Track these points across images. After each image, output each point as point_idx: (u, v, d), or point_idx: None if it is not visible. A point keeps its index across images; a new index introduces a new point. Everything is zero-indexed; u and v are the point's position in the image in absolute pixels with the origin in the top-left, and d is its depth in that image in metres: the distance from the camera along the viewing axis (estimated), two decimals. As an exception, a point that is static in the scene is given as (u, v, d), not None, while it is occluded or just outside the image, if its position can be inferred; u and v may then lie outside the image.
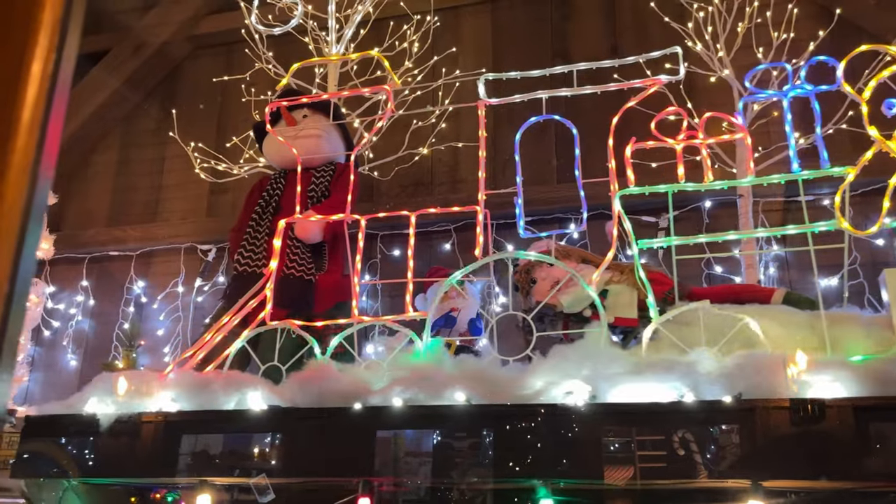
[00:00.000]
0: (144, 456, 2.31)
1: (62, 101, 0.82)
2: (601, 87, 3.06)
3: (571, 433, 1.96)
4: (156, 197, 5.54)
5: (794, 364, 2.07)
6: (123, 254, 5.31)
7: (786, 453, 1.88)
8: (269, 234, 3.49)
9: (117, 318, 5.18)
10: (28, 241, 0.78)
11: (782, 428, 1.89)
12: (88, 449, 2.35)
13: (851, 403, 1.90)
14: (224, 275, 5.07)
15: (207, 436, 2.30)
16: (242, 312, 3.06)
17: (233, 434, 2.30)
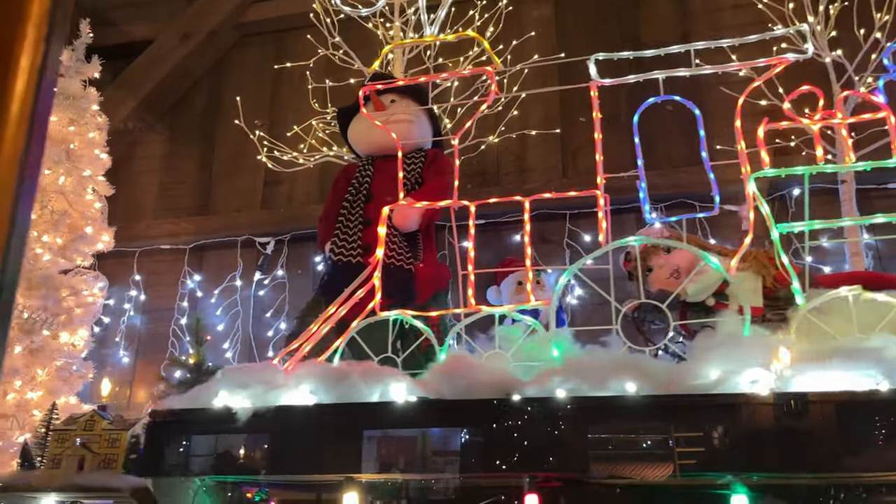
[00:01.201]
0: (284, 451, 2.18)
1: (50, 92, 0.84)
2: (723, 66, 2.95)
3: (768, 424, 1.86)
4: (206, 189, 5.39)
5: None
6: (176, 247, 5.16)
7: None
8: (362, 223, 3.36)
9: (171, 314, 5.04)
10: (17, 229, 0.79)
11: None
12: (223, 445, 2.21)
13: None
14: (283, 268, 4.94)
15: (350, 429, 2.18)
16: (350, 302, 2.93)
17: (379, 427, 2.17)
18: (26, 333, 3.86)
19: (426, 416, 2.17)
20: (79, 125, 4.40)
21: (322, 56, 4.85)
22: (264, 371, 2.43)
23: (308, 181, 5.15)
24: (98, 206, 4.34)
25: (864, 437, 1.84)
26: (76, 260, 4.21)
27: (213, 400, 2.33)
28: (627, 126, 4.81)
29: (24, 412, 3.77)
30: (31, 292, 3.95)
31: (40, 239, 4.07)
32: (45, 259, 4.04)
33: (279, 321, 4.80)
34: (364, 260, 3.31)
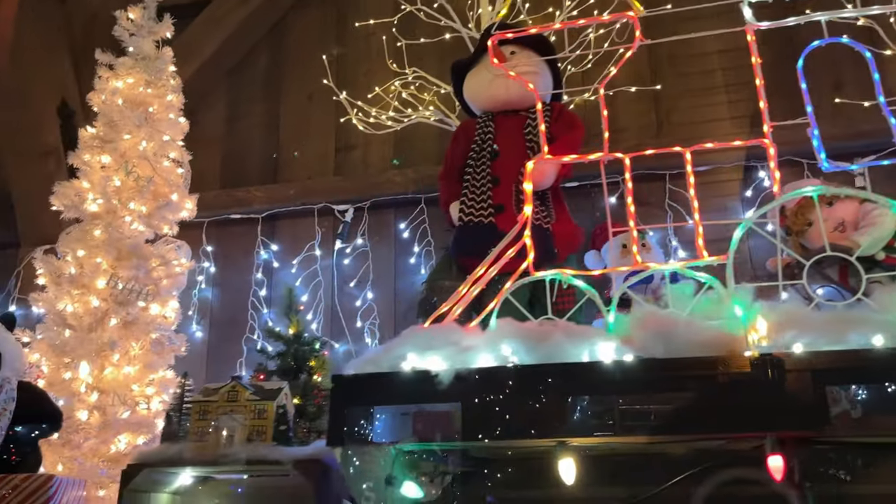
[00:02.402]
0: (489, 415, 2.02)
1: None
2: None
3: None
4: (274, 156, 5.17)
5: None
6: (247, 217, 4.96)
7: None
8: (491, 182, 3.20)
9: (246, 286, 4.85)
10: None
11: None
12: (417, 409, 2.05)
13: None
14: (364, 236, 4.75)
15: (562, 390, 2.02)
16: (500, 262, 2.76)
17: (595, 388, 2.02)
18: (121, 305, 3.67)
19: (646, 375, 2.01)
20: (156, 87, 4.17)
21: (395, 13, 4.64)
22: (450, 332, 2.26)
23: (383, 146, 4.95)
24: (181, 172, 4.13)
25: None
26: (163, 228, 4.01)
27: (401, 363, 2.17)
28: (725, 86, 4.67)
29: (123, 387, 3.59)
30: (122, 262, 3.76)
31: (127, 206, 3.87)
32: (133, 227, 3.84)
33: (364, 291, 4.63)
34: (496, 220, 3.15)
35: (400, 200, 4.72)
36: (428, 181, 4.68)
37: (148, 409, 3.62)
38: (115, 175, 3.88)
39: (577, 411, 2.03)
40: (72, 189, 3.89)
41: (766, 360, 1.96)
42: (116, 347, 3.57)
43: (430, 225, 4.63)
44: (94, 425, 3.46)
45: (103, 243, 3.73)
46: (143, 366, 3.68)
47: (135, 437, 3.55)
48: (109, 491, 3.46)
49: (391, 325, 4.58)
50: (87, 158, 3.92)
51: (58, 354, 3.59)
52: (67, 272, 3.70)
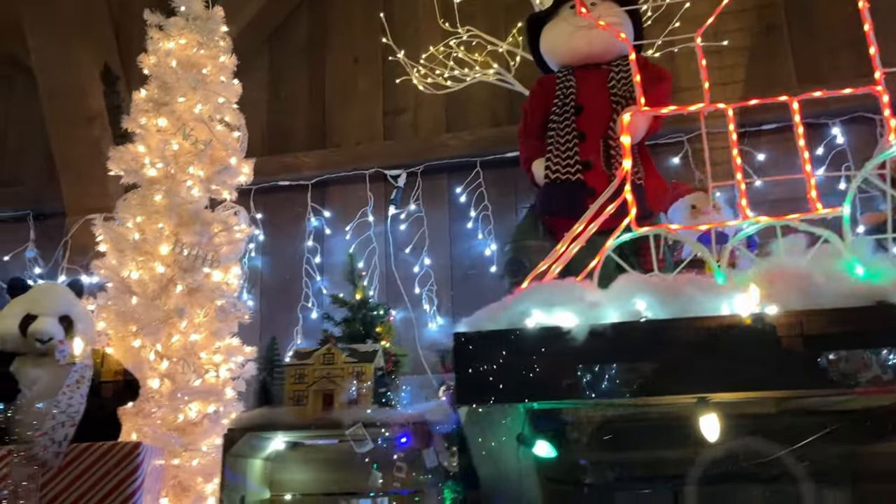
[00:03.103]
0: (629, 372, 1.94)
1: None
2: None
3: None
4: (320, 121, 5.05)
5: None
6: (296, 183, 4.85)
7: None
8: (577, 138, 3.09)
9: (298, 254, 4.76)
10: None
11: None
12: (546, 367, 1.97)
13: None
14: (417, 202, 4.65)
15: (702, 345, 1.94)
16: (600, 219, 2.67)
17: (732, 343, 1.94)
18: (187, 272, 3.58)
19: (790, 329, 1.93)
20: (208, 48, 4.03)
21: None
22: (573, 288, 2.17)
23: (434, 108, 4.82)
24: (237, 136, 4.01)
25: None
26: (222, 193, 3.90)
27: (524, 320, 2.08)
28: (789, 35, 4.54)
29: (192, 355, 3.51)
30: (185, 228, 3.66)
31: (186, 170, 3.76)
32: (193, 192, 3.73)
33: (421, 257, 4.54)
34: (584, 176, 3.05)
35: (454, 164, 4.62)
36: (483, 144, 4.57)
37: (217, 376, 3.55)
38: (173, 139, 3.77)
39: (716, 366, 1.95)
40: (128, 154, 3.78)
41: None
42: (184, 315, 3.48)
43: (486, 189, 4.53)
44: (165, 394, 3.39)
45: (164, 208, 3.63)
46: (210, 333, 3.60)
47: (205, 406, 3.48)
48: (182, 459, 3.40)
49: (448, 291, 4.50)
50: (143, 122, 3.80)
51: (123, 322, 3.50)
52: (130, 238, 3.60)
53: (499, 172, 4.55)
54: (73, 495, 2.64)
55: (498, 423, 2.06)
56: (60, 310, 3.12)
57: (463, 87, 4.56)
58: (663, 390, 1.94)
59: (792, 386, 1.92)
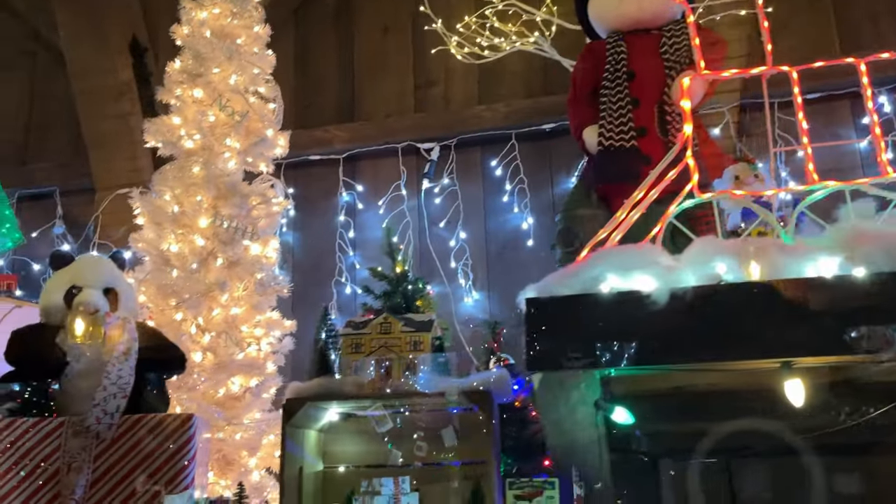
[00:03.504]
0: (711, 336, 1.89)
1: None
2: None
3: None
4: (349, 94, 4.97)
5: None
6: (328, 158, 4.79)
7: None
8: (631, 104, 3.03)
9: (329, 229, 4.71)
10: None
11: None
12: (623, 332, 1.91)
13: None
14: (451, 175, 4.58)
15: (785, 309, 1.89)
16: (661, 185, 2.61)
17: (822, 305, 1.89)
18: (227, 244, 3.53)
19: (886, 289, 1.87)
20: (241, 18, 3.96)
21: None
22: (647, 252, 2.12)
23: (465, 81, 4.75)
24: (272, 108, 3.95)
25: None
26: (259, 166, 3.84)
27: (598, 285, 2.03)
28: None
29: (233, 329, 3.47)
30: (223, 200, 3.61)
31: (223, 142, 3.70)
32: (230, 164, 3.68)
33: (456, 231, 4.48)
34: (638, 143, 2.99)
35: (488, 137, 4.55)
36: (519, 116, 4.50)
37: (259, 350, 3.51)
38: (210, 110, 3.70)
39: (802, 330, 1.90)
40: (163, 125, 3.72)
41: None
42: (226, 288, 3.44)
43: (521, 161, 4.46)
44: (208, 367, 3.36)
45: (202, 181, 3.58)
46: (250, 307, 3.56)
47: (247, 379, 3.45)
48: (225, 433, 3.37)
49: (483, 265, 4.45)
50: (178, 93, 3.74)
51: (163, 296, 3.46)
52: (169, 211, 3.55)
53: (534, 145, 4.48)
54: (127, 467, 2.60)
55: (572, 390, 2.01)
56: (104, 282, 3.06)
57: (496, 59, 4.47)
58: (746, 355, 1.89)
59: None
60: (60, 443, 2.62)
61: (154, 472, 2.62)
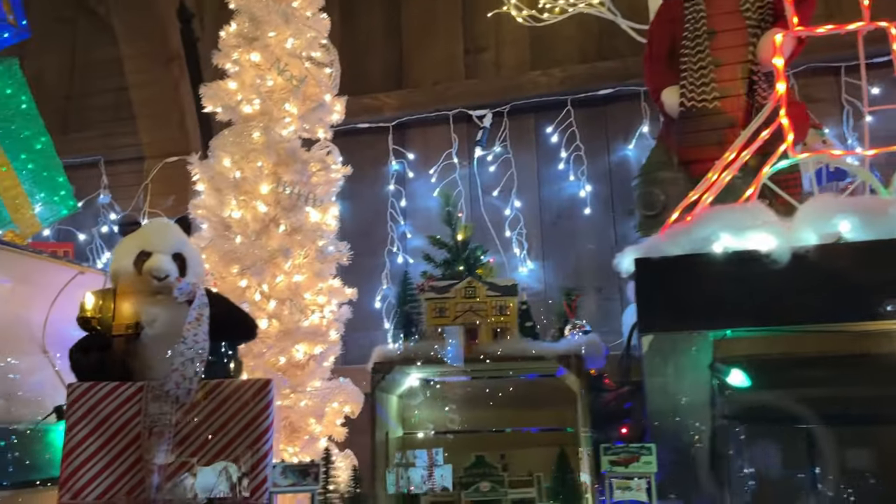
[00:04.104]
0: (835, 296, 1.83)
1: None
2: None
3: None
4: (396, 60, 4.88)
5: None
6: (376, 125, 4.71)
7: None
8: (712, 64, 2.94)
9: (379, 198, 4.65)
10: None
11: None
12: (746, 292, 1.86)
13: None
14: (504, 143, 4.50)
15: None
16: (753, 145, 2.53)
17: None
18: (288, 211, 3.48)
19: None
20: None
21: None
22: (758, 211, 2.05)
23: (516, 46, 4.64)
24: (329, 72, 3.87)
25: None
26: (317, 132, 3.77)
27: (710, 245, 1.97)
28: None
29: (296, 296, 3.43)
30: (284, 167, 3.55)
31: (281, 107, 3.63)
32: (290, 130, 3.61)
33: (510, 199, 4.41)
34: (721, 104, 2.91)
35: (542, 103, 4.46)
36: (575, 81, 4.41)
37: (322, 317, 3.47)
38: (268, 74, 3.63)
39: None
40: (220, 90, 3.65)
41: None
42: (290, 255, 3.39)
43: (578, 128, 4.37)
44: (272, 334, 3.33)
45: (262, 146, 3.51)
46: (312, 274, 3.51)
47: (311, 347, 3.41)
48: (289, 401, 3.34)
49: (538, 234, 4.38)
50: (235, 57, 3.67)
51: (225, 263, 3.42)
52: (231, 177, 3.49)
53: (590, 111, 4.39)
54: (207, 432, 2.57)
55: (683, 354, 1.96)
56: (173, 247, 3.02)
57: (548, 25, 4.37)
58: (874, 315, 1.82)
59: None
60: (140, 408, 2.59)
61: (234, 437, 2.59)
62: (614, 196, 4.30)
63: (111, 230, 5.00)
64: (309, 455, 3.31)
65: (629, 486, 2.22)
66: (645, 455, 2.21)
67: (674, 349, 1.95)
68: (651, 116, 4.24)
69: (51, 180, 3.90)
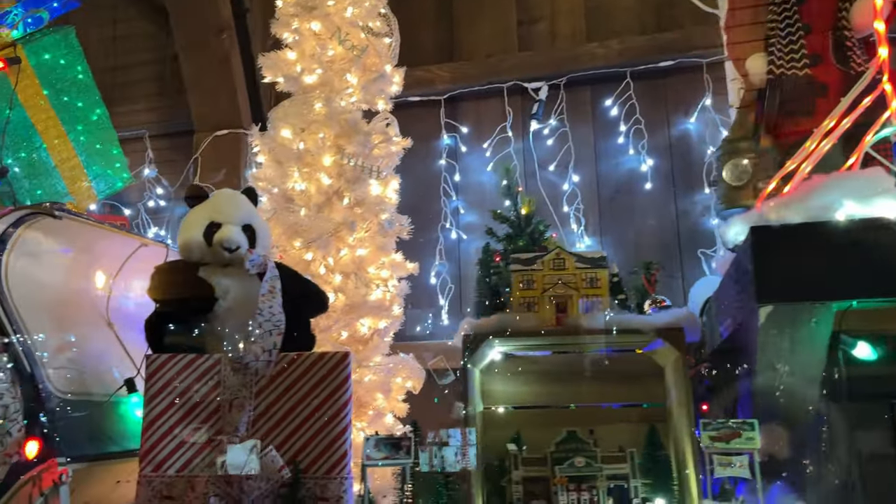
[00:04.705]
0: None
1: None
2: None
3: None
4: (447, 32, 4.78)
5: None
6: (427, 99, 4.63)
7: None
8: (802, 30, 2.83)
9: (430, 172, 4.58)
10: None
11: None
12: (874, 261, 1.77)
13: None
14: (560, 116, 4.41)
15: None
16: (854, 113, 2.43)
17: None
18: (352, 183, 3.42)
19: None
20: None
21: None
22: (878, 178, 1.96)
23: (571, 16, 4.53)
24: (388, 42, 3.78)
25: None
26: (377, 103, 3.69)
27: (831, 212, 1.89)
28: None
29: (360, 269, 3.38)
30: (346, 138, 3.48)
31: (342, 78, 3.55)
32: (352, 101, 3.54)
33: (568, 174, 4.33)
34: (812, 71, 2.80)
35: (600, 76, 4.35)
36: (634, 53, 4.30)
37: (385, 292, 3.42)
38: (329, 44, 3.55)
39: None
40: (279, 60, 3.58)
41: None
42: (355, 228, 3.33)
43: (638, 101, 4.27)
44: (338, 308, 3.28)
45: (324, 117, 3.44)
46: (375, 248, 3.45)
47: (376, 321, 3.37)
48: (355, 375, 3.30)
49: (595, 209, 4.30)
50: (295, 26, 3.59)
51: (289, 236, 3.37)
52: (295, 148, 3.43)
53: (650, 83, 4.29)
54: (287, 405, 2.53)
55: (802, 326, 1.88)
56: (243, 218, 2.97)
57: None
58: None
59: None
60: (219, 380, 2.55)
61: (315, 410, 2.55)
62: (674, 171, 4.21)
63: (157, 204, 4.97)
64: (377, 430, 3.28)
65: (730, 463, 2.16)
66: (747, 431, 2.15)
67: (792, 321, 1.88)
68: (713, 90, 4.13)
69: (106, 152, 3.86)
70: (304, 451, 2.43)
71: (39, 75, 3.56)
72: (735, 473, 2.14)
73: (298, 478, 2.34)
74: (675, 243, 4.11)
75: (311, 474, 2.40)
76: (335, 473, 2.41)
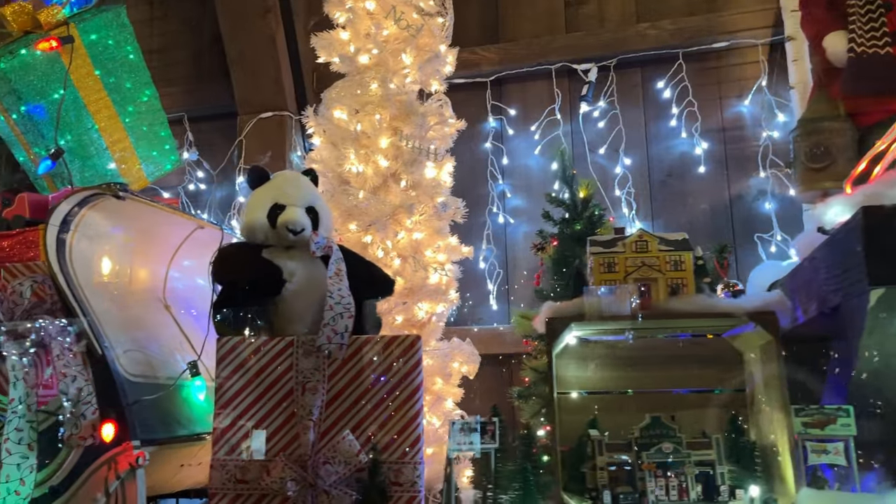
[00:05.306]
0: None
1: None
2: None
3: None
4: (494, 15, 4.70)
5: None
6: (473, 81, 4.56)
7: None
8: (883, 7, 2.76)
9: (476, 155, 4.51)
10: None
11: None
12: None
13: None
14: (610, 98, 4.33)
15: None
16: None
17: None
18: (409, 165, 3.37)
19: None
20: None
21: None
22: None
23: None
24: (441, 22, 3.72)
25: None
26: (430, 84, 3.64)
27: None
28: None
29: (418, 253, 3.34)
30: (402, 120, 3.43)
31: (398, 57, 3.49)
32: (407, 81, 3.48)
33: (619, 157, 4.26)
34: (894, 50, 2.73)
35: (651, 57, 4.27)
36: (686, 34, 4.22)
37: (442, 275, 3.38)
38: (384, 23, 3.49)
39: None
40: (333, 40, 3.52)
41: None
42: (414, 210, 3.28)
43: (690, 83, 4.19)
44: (398, 292, 3.24)
45: (380, 98, 3.39)
46: (432, 231, 3.41)
47: (433, 306, 3.33)
48: (412, 360, 3.26)
49: (646, 193, 4.24)
50: (349, 5, 3.53)
51: (345, 218, 3.33)
52: (352, 129, 3.38)
53: (702, 65, 4.21)
54: (360, 388, 2.50)
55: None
56: (307, 200, 2.92)
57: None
58: None
59: None
60: (292, 363, 2.52)
61: (387, 393, 2.51)
62: (727, 154, 4.14)
63: (197, 187, 4.93)
64: (436, 415, 3.25)
65: (825, 450, 2.12)
66: (842, 417, 2.10)
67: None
68: (769, 70, 4.05)
69: (154, 134, 3.81)
70: (378, 436, 2.40)
71: (91, 55, 3.51)
72: (830, 461, 2.10)
73: (377, 462, 2.31)
74: (729, 227, 4.05)
75: (384, 459, 2.37)
76: (409, 458, 2.38)
